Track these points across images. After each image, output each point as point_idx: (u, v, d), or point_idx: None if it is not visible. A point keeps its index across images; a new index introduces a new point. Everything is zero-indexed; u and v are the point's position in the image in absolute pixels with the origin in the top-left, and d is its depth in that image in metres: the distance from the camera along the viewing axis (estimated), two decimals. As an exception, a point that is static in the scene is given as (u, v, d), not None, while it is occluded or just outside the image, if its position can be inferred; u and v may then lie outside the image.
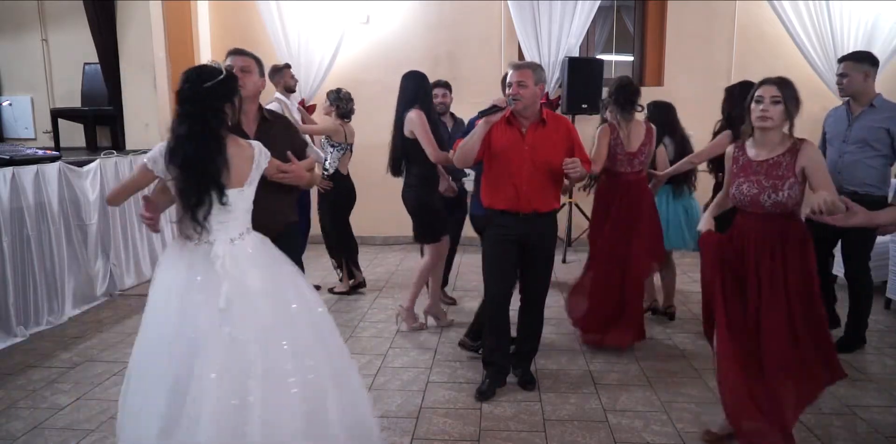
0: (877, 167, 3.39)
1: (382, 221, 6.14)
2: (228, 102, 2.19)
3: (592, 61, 6.01)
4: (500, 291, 3.18)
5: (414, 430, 2.84)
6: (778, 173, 2.42)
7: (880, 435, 2.76)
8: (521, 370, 3.31)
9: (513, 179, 3.05)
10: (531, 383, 3.26)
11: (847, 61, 3.44)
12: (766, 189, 2.42)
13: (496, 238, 3.15)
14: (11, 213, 3.83)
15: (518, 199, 3.06)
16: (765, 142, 2.48)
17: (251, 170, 2.24)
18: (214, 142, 2.13)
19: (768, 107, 2.38)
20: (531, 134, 3.06)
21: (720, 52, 6.18)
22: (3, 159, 3.87)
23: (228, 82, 2.20)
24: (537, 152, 3.04)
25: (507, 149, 3.04)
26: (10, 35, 5.94)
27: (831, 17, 5.79)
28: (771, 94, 2.38)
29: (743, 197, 2.49)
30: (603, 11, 6.46)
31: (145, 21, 5.43)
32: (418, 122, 3.75)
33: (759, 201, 2.44)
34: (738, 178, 2.51)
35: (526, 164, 3.03)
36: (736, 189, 2.51)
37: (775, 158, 2.45)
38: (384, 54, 6.29)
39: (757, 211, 2.47)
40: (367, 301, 4.78)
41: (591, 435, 2.79)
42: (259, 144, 2.32)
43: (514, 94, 2.97)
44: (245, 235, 2.25)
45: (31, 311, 3.99)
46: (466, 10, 6.29)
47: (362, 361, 3.63)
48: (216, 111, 2.15)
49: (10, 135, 6.13)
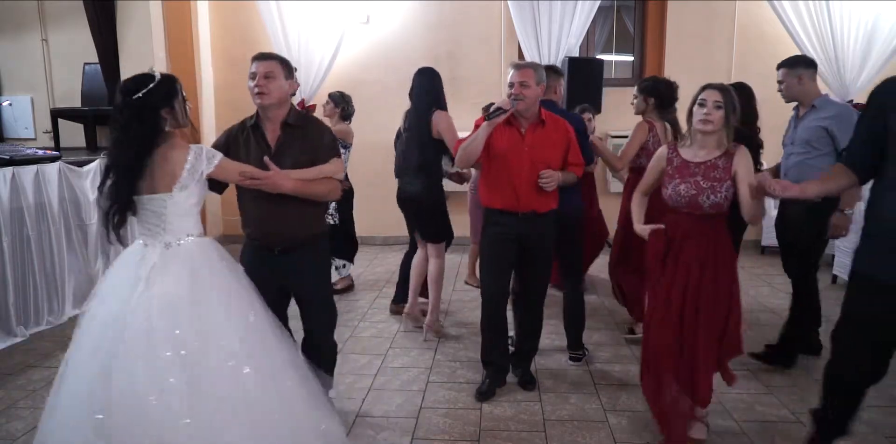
0: (820, 167, 3.33)
1: (382, 221, 6.13)
2: (166, 106, 2.23)
3: (592, 61, 6.01)
4: (496, 289, 3.20)
5: (414, 430, 2.85)
6: (715, 175, 2.49)
7: (880, 435, 2.76)
8: (521, 370, 3.32)
9: (511, 180, 3.05)
10: (531, 383, 3.27)
11: (781, 68, 3.52)
12: (704, 190, 2.48)
13: (494, 237, 3.16)
14: (11, 213, 3.83)
15: (517, 199, 3.06)
16: (703, 144, 2.54)
17: (182, 174, 2.22)
18: (133, 150, 2.16)
19: (711, 111, 2.45)
20: (530, 134, 3.06)
21: (720, 52, 6.18)
22: (3, 159, 3.86)
23: (161, 88, 2.22)
24: (536, 152, 3.04)
25: (507, 149, 3.04)
26: (10, 35, 5.94)
27: (831, 17, 5.78)
28: (714, 99, 2.45)
29: (680, 198, 2.53)
30: (603, 11, 6.45)
31: (145, 21, 5.43)
32: (448, 123, 3.70)
33: (699, 202, 2.49)
34: (674, 179, 2.55)
35: (525, 164, 3.03)
36: (673, 190, 2.55)
37: (712, 160, 2.51)
38: (384, 54, 6.29)
39: (695, 212, 2.52)
40: (367, 301, 4.78)
41: (591, 435, 2.80)
42: (199, 148, 2.27)
43: (516, 93, 2.97)
44: (185, 239, 2.25)
45: (31, 311, 3.99)
46: (466, 10, 6.29)
47: (362, 361, 3.64)
48: (146, 119, 2.18)
49: (10, 135, 6.12)
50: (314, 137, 2.60)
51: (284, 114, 2.57)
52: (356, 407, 3.06)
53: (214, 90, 6.48)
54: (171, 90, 2.26)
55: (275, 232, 2.58)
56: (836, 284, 4.91)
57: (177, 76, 2.39)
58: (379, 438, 2.78)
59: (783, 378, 3.38)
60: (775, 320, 4.03)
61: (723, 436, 2.77)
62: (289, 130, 2.57)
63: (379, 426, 2.89)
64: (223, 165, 2.31)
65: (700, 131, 2.50)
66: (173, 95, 2.26)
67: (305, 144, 2.56)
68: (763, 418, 2.94)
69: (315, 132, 2.62)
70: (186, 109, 2.31)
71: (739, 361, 3.52)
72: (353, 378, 3.40)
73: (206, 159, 2.27)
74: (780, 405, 3.07)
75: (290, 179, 2.44)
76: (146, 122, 2.18)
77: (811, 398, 2.52)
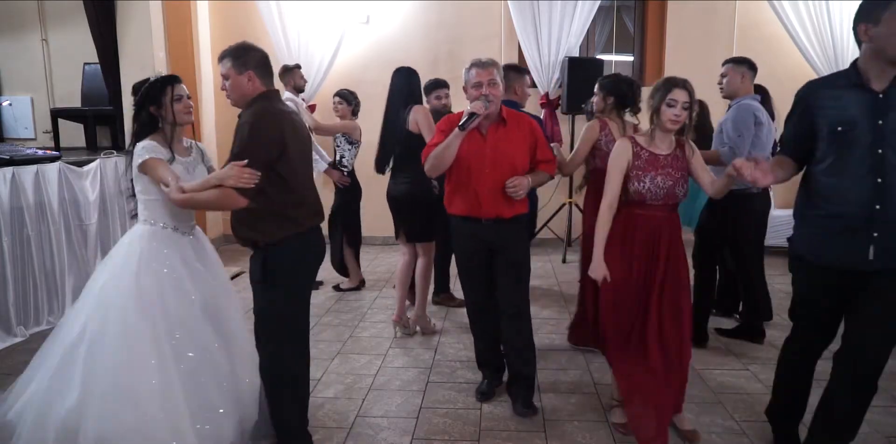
0: None
1: (382, 221, 6.12)
2: (153, 104, 2.55)
3: (592, 61, 6.01)
4: (476, 298, 3.10)
5: (414, 430, 2.84)
6: (679, 165, 2.62)
7: (880, 435, 2.76)
8: (521, 402, 2.97)
9: (473, 184, 2.85)
10: (533, 410, 2.95)
11: (728, 64, 3.72)
12: (678, 180, 2.60)
13: (462, 247, 3.02)
14: (11, 213, 3.83)
15: (479, 204, 2.87)
16: (664, 139, 2.63)
17: (130, 168, 2.56)
18: (132, 139, 2.59)
19: (680, 112, 2.52)
20: (492, 135, 2.87)
21: (720, 52, 6.15)
22: (3, 159, 3.87)
23: (151, 88, 2.54)
24: (499, 153, 2.84)
25: (468, 152, 2.83)
26: (10, 35, 5.94)
27: (831, 17, 5.79)
28: (683, 99, 2.51)
29: (659, 190, 2.57)
30: (603, 11, 6.46)
31: (145, 21, 5.42)
32: (425, 119, 3.74)
33: (675, 192, 2.60)
34: (649, 172, 2.58)
35: (486, 167, 2.83)
36: (651, 183, 2.57)
37: (673, 152, 2.63)
38: (384, 54, 6.28)
39: (669, 202, 2.61)
40: (367, 301, 4.78)
41: (591, 435, 2.79)
42: (141, 144, 2.53)
43: (488, 93, 2.78)
44: (140, 223, 2.61)
45: (31, 311, 3.99)
46: (466, 10, 6.29)
47: (362, 361, 3.63)
48: (137, 115, 2.58)
49: (10, 135, 6.12)
50: (238, 133, 2.36)
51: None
52: (356, 407, 3.06)
53: (214, 90, 6.48)
54: (159, 90, 2.54)
55: (232, 228, 2.53)
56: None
57: (177, 77, 2.60)
58: (379, 438, 2.78)
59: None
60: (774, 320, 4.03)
61: (722, 436, 2.78)
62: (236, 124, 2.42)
63: (379, 426, 2.89)
64: (148, 163, 2.50)
65: (668, 130, 2.58)
66: (161, 94, 2.54)
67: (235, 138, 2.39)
68: (763, 418, 2.94)
69: (239, 124, 2.37)
70: (173, 107, 2.54)
71: (741, 363, 3.54)
72: (353, 378, 3.40)
73: (137, 155, 2.52)
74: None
75: (177, 193, 2.39)
76: (138, 117, 2.59)
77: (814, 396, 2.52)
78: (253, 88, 2.41)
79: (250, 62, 2.41)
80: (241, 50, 2.42)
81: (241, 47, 2.43)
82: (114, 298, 2.44)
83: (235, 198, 2.29)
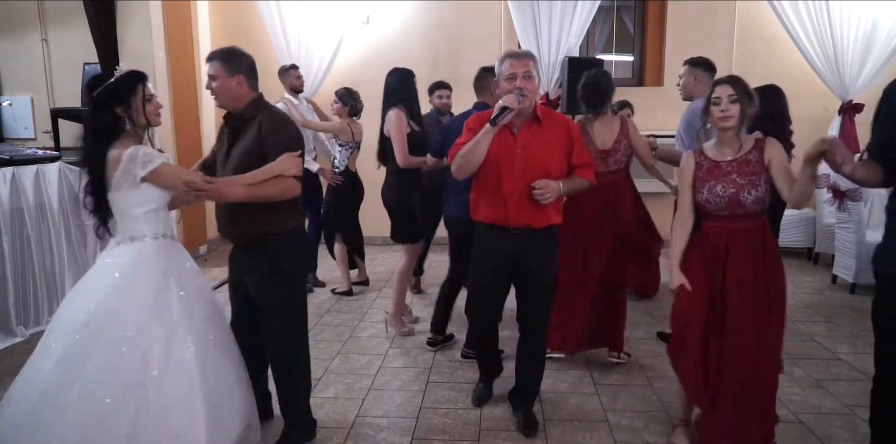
0: None
1: (383, 221, 6.12)
2: (120, 104, 2.25)
3: (592, 61, 5.99)
4: (484, 320, 2.86)
5: (414, 430, 2.84)
6: (750, 170, 2.42)
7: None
8: (522, 413, 2.86)
9: (501, 189, 2.59)
10: (533, 429, 2.80)
11: (685, 65, 3.79)
12: (743, 187, 2.40)
13: (482, 258, 2.74)
14: (11, 213, 3.83)
15: (507, 211, 2.61)
16: (727, 141, 2.47)
17: (115, 175, 2.21)
18: (90, 146, 2.25)
19: (727, 106, 2.39)
20: (524, 134, 2.61)
21: (720, 52, 6.16)
22: (3, 159, 3.87)
23: (118, 85, 2.25)
24: (531, 155, 2.58)
25: (497, 153, 2.58)
26: (10, 35, 5.93)
27: (831, 17, 5.78)
28: (727, 93, 2.39)
29: (719, 200, 2.42)
30: (603, 11, 6.46)
31: (145, 21, 5.42)
32: (396, 122, 3.75)
33: (740, 199, 2.40)
34: (707, 182, 2.46)
35: (517, 170, 2.56)
36: (709, 193, 2.44)
37: (743, 156, 2.44)
38: (384, 54, 6.27)
39: (736, 212, 2.43)
40: (367, 301, 4.78)
41: (591, 435, 2.79)
42: (136, 150, 2.21)
43: (522, 87, 2.53)
44: (124, 243, 2.31)
45: (31, 311, 4.00)
46: (466, 10, 6.29)
47: (362, 361, 3.63)
48: (99, 116, 2.24)
49: (10, 135, 6.11)
50: (262, 130, 2.41)
51: (242, 108, 2.48)
52: (356, 407, 3.06)
53: (214, 90, 6.48)
54: (128, 88, 2.25)
55: (225, 226, 2.54)
56: (836, 284, 4.88)
57: (145, 74, 2.32)
58: (379, 438, 2.78)
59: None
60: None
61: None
62: (241, 124, 2.48)
63: (379, 426, 2.89)
64: (162, 170, 2.23)
65: (723, 129, 2.43)
66: (130, 93, 2.25)
67: (243, 143, 2.44)
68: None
69: (265, 124, 2.42)
70: (145, 108, 2.27)
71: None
72: (353, 378, 3.40)
73: (141, 163, 2.20)
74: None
75: (236, 187, 2.30)
76: (99, 119, 2.24)
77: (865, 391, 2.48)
78: (243, 92, 2.47)
79: (241, 66, 2.47)
80: (232, 53, 2.47)
81: (231, 50, 2.48)
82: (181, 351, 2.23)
83: (295, 185, 2.41)
